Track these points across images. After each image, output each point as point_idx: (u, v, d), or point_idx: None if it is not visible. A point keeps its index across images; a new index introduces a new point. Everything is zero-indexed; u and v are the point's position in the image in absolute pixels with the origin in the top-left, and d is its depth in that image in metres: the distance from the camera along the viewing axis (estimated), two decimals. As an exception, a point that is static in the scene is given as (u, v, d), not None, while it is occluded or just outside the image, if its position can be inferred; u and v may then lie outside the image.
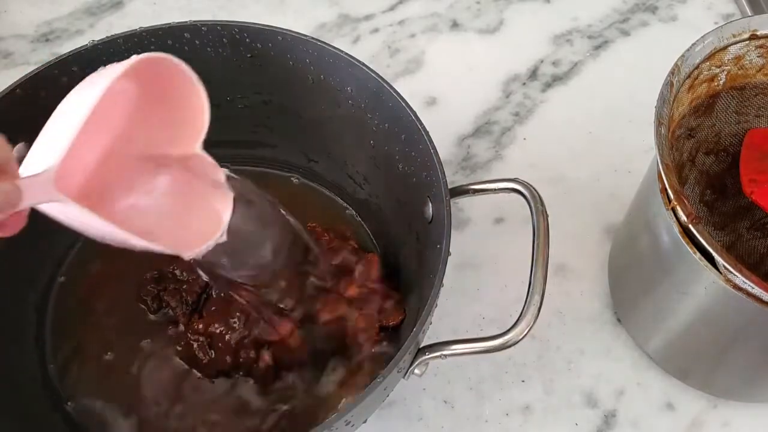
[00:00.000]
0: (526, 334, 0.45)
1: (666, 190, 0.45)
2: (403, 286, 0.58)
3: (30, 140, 0.53)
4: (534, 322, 0.45)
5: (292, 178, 0.65)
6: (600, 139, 0.71)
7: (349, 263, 0.58)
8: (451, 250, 0.46)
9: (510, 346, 0.45)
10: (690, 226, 0.44)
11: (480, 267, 0.63)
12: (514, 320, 0.46)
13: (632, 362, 0.59)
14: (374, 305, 0.56)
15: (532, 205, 0.48)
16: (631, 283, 0.58)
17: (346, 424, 0.43)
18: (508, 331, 0.45)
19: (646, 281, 0.54)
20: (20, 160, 0.53)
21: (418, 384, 0.57)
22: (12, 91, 0.51)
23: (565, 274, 0.63)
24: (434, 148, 0.50)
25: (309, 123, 0.60)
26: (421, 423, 0.56)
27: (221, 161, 0.63)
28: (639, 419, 0.57)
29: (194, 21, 0.55)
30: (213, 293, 0.57)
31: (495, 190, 0.51)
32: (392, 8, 0.80)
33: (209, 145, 0.62)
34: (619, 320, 0.61)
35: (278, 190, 0.62)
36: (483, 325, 0.60)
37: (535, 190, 0.49)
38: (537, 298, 0.45)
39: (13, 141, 0.53)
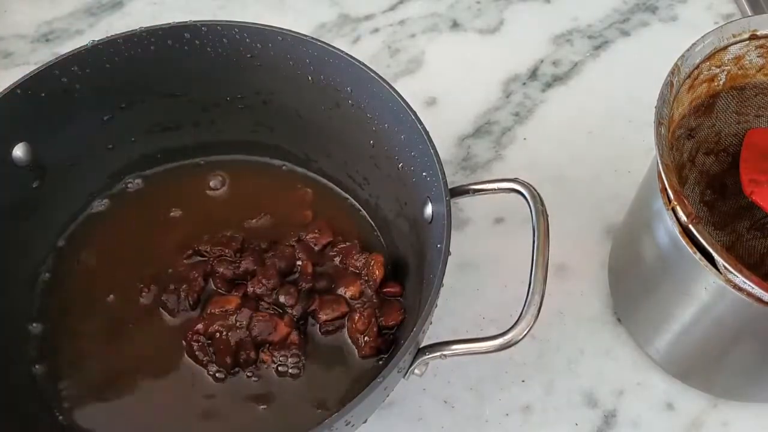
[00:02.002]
0: (526, 334, 0.45)
1: (666, 190, 0.45)
2: (403, 286, 0.58)
3: (29, 140, 0.54)
4: (534, 322, 0.45)
5: (293, 174, 0.64)
6: (600, 139, 0.71)
7: (353, 262, 0.58)
8: (451, 250, 0.46)
9: (510, 346, 0.45)
10: (690, 226, 0.44)
11: (480, 267, 0.63)
12: (514, 320, 0.45)
13: (632, 362, 0.59)
14: (374, 305, 0.56)
15: (532, 205, 0.48)
16: (631, 283, 0.58)
17: (346, 424, 0.43)
18: (508, 331, 0.45)
19: (646, 281, 0.54)
20: (20, 161, 0.53)
21: (418, 384, 0.57)
22: (11, 91, 0.51)
23: (565, 274, 0.63)
24: (434, 148, 0.50)
25: (309, 123, 0.60)
26: (421, 423, 0.56)
27: (221, 161, 0.64)
28: (639, 419, 0.57)
29: (194, 21, 0.55)
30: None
31: (495, 190, 0.51)
32: (392, 8, 0.80)
33: (209, 146, 0.62)
34: (619, 320, 0.61)
35: (279, 184, 0.63)
36: (483, 325, 0.60)
37: (535, 190, 0.49)
38: (537, 298, 0.45)
39: (12, 141, 0.53)
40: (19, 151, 0.54)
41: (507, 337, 0.45)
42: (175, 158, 0.63)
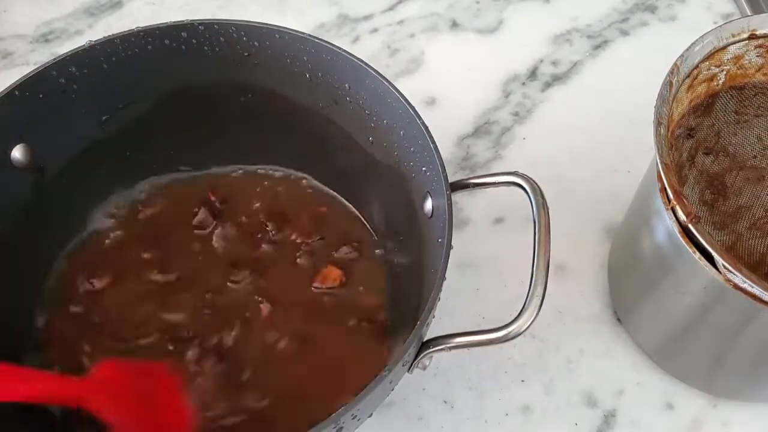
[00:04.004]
0: (529, 326, 0.44)
1: (665, 189, 0.45)
2: (403, 284, 0.58)
3: (27, 142, 0.54)
4: (537, 314, 0.44)
5: (290, 176, 0.64)
6: (600, 139, 0.70)
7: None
8: (451, 246, 0.46)
9: (513, 338, 0.44)
10: (689, 225, 0.43)
11: (480, 267, 0.63)
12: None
13: (632, 362, 0.59)
14: None
15: (533, 197, 0.48)
16: (630, 283, 0.58)
17: (353, 418, 0.43)
18: (512, 323, 0.44)
19: (646, 281, 0.54)
20: (19, 163, 0.53)
21: (418, 384, 0.57)
22: (9, 92, 0.51)
23: (565, 274, 0.63)
24: (434, 142, 0.50)
25: (307, 120, 0.60)
26: (421, 423, 0.56)
27: (219, 160, 0.63)
28: (639, 419, 0.57)
29: (191, 20, 0.55)
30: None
31: (495, 183, 0.51)
32: (392, 8, 0.80)
33: (207, 144, 0.62)
34: (619, 320, 0.61)
35: (275, 187, 0.63)
36: (483, 325, 0.58)
37: (536, 183, 0.49)
38: (540, 290, 0.45)
39: (10, 142, 0.53)
40: (17, 153, 0.54)
41: (510, 329, 0.44)
42: (173, 159, 0.63)
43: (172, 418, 0.50)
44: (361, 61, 0.53)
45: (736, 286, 0.43)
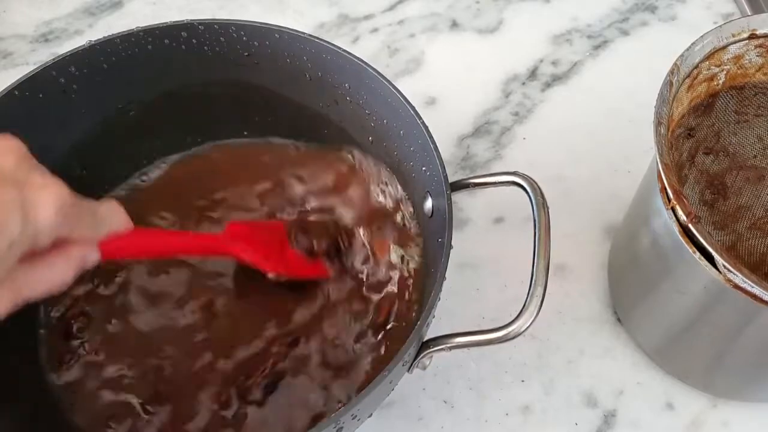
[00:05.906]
0: (529, 326, 0.44)
1: (665, 189, 0.45)
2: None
3: (26, 142, 0.54)
4: (537, 314, 0.44)
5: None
6: (600, 139, 0.70)
7: None
8: (451, 245, 0.46)
9: (513, 338, 0.44)
10: (689, 225, 0.43)
11: (480, 267, 0.63)
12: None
13: (632, 362, 0.59)
14: None
15: (533, 197, 0.48)
16: (630, 283, 0.58)
17: (353, 418, 0.43)
18: (512, 322, 0.44)
19: (646, 281, 0.54)
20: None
21: (418, 384, 0.57)
22: (9, 92, 0.51)
23: (565, 274, 0.63)
24: (434, 142, 0.50)
25: (307, 120, 0.60)
26: (421, 423, 0.56)
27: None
28: (639, 419, 0.57)
29: (191, 20, 0.55)
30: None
31: (495, 183, 0.51)
32: (392, 8, 0.80)
33: (207, 143, 0.62)
34: (619, 320, 0.61)
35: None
36: (483, 325, 0.59)
37: (536, 183, 0.49)
38: (540, 290, 0.45)
39: (10, 141, 0.53)
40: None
41: (510, 329, 0.44)
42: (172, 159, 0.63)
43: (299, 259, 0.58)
44: (361, 61, 0.53)
45: (736, 286, 0.43)
